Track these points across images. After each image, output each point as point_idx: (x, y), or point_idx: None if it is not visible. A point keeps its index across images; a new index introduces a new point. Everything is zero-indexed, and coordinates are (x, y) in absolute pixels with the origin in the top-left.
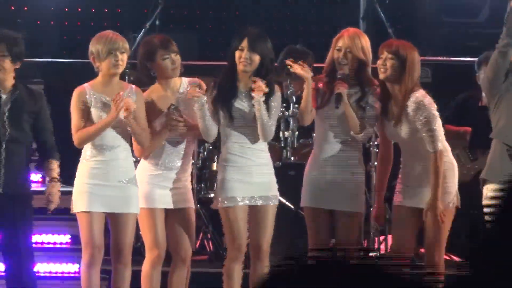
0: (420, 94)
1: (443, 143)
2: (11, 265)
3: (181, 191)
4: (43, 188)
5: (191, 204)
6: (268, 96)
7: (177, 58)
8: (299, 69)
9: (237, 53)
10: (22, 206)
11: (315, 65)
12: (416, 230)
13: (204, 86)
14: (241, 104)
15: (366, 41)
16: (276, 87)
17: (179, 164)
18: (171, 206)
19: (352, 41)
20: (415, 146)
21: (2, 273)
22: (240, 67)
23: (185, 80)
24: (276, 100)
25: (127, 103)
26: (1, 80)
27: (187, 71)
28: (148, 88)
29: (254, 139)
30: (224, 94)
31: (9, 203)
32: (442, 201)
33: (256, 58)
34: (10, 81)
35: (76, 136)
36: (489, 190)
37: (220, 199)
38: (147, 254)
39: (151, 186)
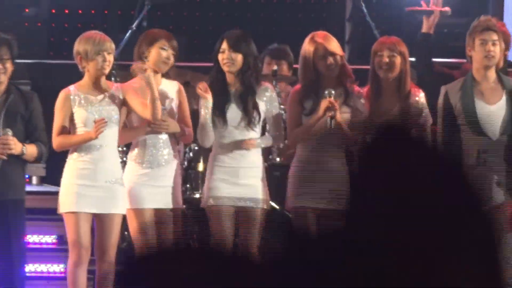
0: (421, 91)
1: None
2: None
3: (169, 190)
4: (29, 189)
5: (179, 203)
6: (252, 91)
7: (172, 55)
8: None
9: (219, 56)
10: (17, 210)
11: (295, 66)
12: None
13: (183, 92)
14: (232, 106)
15: (336, 40)
16: (269, 86)
17: (163, 161)
18: (159, 206)
19: (331, 43)
20: None
21: None
22: (224, 68)
23: (166, 81)
24: (271, 101)
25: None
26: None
27: (173, 72)
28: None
29: (242, 141)
30: (216, 99)
31: (2, 207)
32: None
33: (238, 57)
34: (4, 84)
35: (56, 140)
36: None
37: (205, 198)
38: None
39: (139, 185)
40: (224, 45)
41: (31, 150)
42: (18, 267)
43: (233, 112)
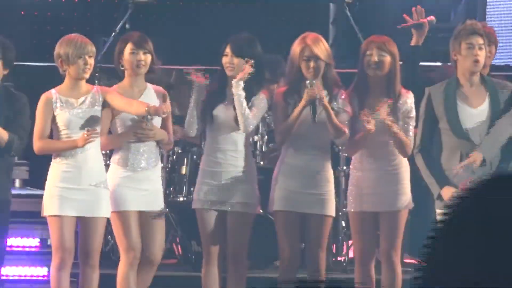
0: (410, 93)
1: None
2: None
3: (152, 193)
4: (12, 192)
5: (162, 207)
6: (252, 95)
7: (146, 57)
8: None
9: (223, 59)
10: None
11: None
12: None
13: (167, 98)
14: (224, 108)
15: (326, 43)
16: (262, 92)
17: (146, 164)
18: (143, 208)
19: (318, 47)
20: (384, 146)
21: None
22: (227, 72)
23: (150, 86)
24: (259, 99)
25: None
26: None
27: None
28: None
29: (232, 143)
30: (211, 98)
31: None
32: (402, 202)
33: (240, 62)
34: None
35: (38, 144)
36: None
37: (193, 200)
38: (122, 257)
39: (122, 188)
40: (228, 49)
41: (1, 131)
42: None
43: (224, 114)
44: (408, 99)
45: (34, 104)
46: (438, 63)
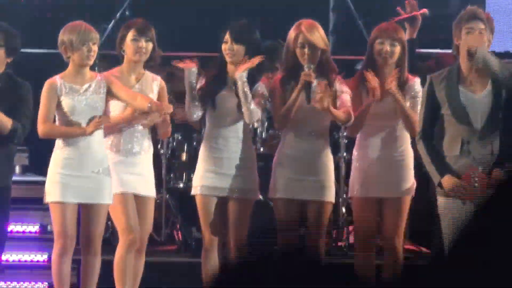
0: (415, 78)
1: None
2: None
3: (145, 178)
4: (12, 178)
5: (153, 193)
6: (253, 83)
7: (147, 45)
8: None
9: (223, 46)
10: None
11: None
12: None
13: (165, 91)
14: (225, 94)
15: (322, 30)
16: (261, 79)
17: (139, 149)
18: (138, 193)
19: (313, 34)
20: (390, 132)
21: None
22: (226, 59)
23: (148, 74)
24: (261, 87)
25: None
26: None
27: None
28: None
29: (233, 130)
30: (212, 85)
31: None
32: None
33: (240, 49)
34: None
35: (42, 127)
36: None
37: (193, 186)
38: (121, 239)
39: (118, 172)
40: (227, 36)
41: (5, 119)
42: None
43: (226, 101)
44: (416, 84)
45: (34, 92)
46: (437, 50)
